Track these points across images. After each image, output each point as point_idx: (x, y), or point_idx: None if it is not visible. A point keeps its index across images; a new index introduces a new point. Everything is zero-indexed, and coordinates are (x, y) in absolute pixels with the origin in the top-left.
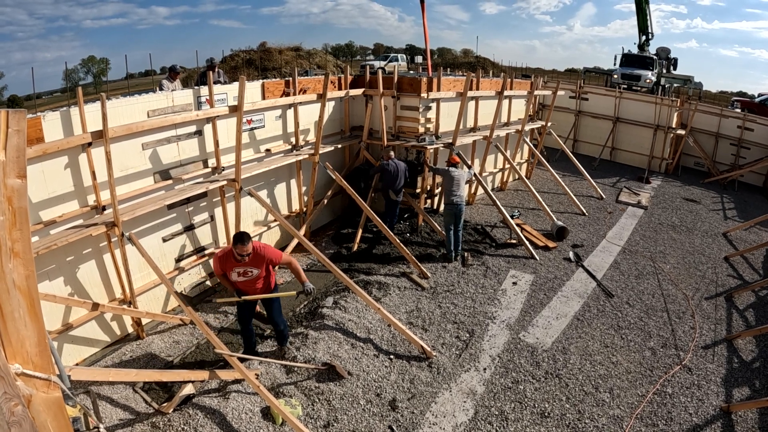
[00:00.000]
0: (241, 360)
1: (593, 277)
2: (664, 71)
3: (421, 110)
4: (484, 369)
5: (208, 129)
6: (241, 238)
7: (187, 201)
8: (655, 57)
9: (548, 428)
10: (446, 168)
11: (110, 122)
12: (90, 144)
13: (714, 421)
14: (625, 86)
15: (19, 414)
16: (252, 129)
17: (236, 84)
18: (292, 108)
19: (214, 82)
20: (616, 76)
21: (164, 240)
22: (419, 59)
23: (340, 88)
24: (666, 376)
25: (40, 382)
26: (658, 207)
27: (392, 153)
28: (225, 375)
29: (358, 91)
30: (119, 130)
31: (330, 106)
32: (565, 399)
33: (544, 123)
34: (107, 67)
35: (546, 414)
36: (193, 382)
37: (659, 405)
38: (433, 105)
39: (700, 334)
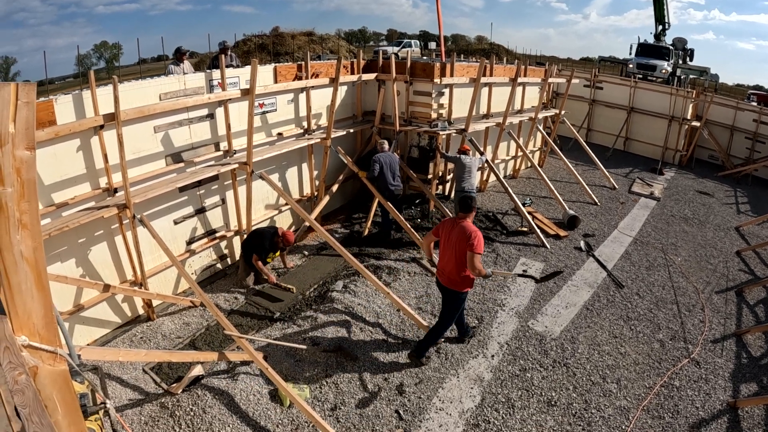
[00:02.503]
0: (250, 342)
1: (604, 267)
2: (680, 62)
3: (434, 96)
4: (492, 356)
5: (219, 112)
6: (468, 204)
7: (199, 184)
8: (671, 47)
9: (554, 417)
10: (457, 155)
11: (122, 105)
12: (102, 127)
13: (720, 416)
14: (641, 76)
15: (22, 383)
16: (264, 113)
17: (248, 68)
18: (305, 92)
19: (227, 66)
20: (631, 66)
21: (175, 222)
22: (432, 45)
23: (352, 73)
24: (674, 368)
25: (47, 354)
26: (670, 199)
27: (385, 145)
28: (234, 357)
29: (371, 76)
30: (131, 113)
31: (342, 90)
32: (572, 388)
33: (557, 111)
34: (119, 52)
35: (553, 403)
36: (202, 363)
37: (666, 397)
38: (446, 90)
39: (709, 328)
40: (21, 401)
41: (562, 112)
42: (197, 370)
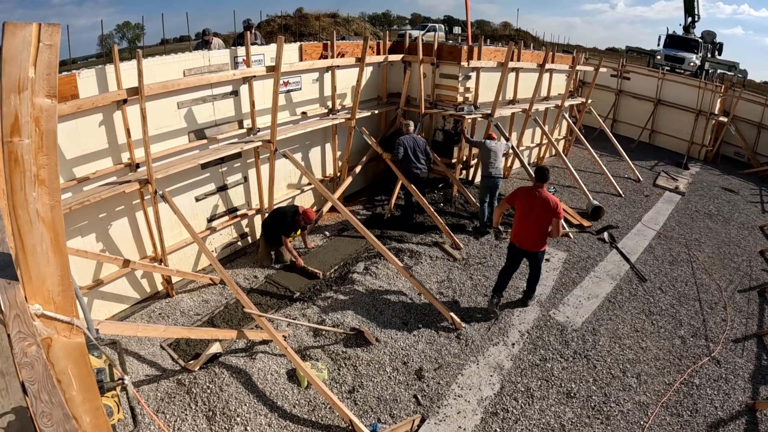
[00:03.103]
0: (270, 321)
1: (627, 259)
2: (709, 56)
3: (460, 79)
4: (513, 344)
5: (244, 89)
6: (545, 174)
7: (221, 161)
8: (700, 40)
9: (573, 409)
10: (483, 140)
11: (146, 80)
12: (125, 101)
13: (738, 417)
14: (668, 68)
15: (32, 355)
16: (288, 91)
17: (273, 45)
18: (330, 71)
19: (251, 44)
20: (659, 57)
21: (197, 199)
22: (457, 30)
23: (378, 54)
24: (694, 366)
25: (62, 325)
26: (695, 194)
27: (411, 126)
28: (253, 335)
29: (397, 57)
30: (155, 88)
31: (368, 71)
32: (592, 381)
33: (584, 100)
34: (142, 32)
35: (572, 394)
36: (220, 340)
37: (685, 395)
38: (473, 74)
39: (731, 327)
40: (29, 376)
41: (589, 101)
42: (215, 348)
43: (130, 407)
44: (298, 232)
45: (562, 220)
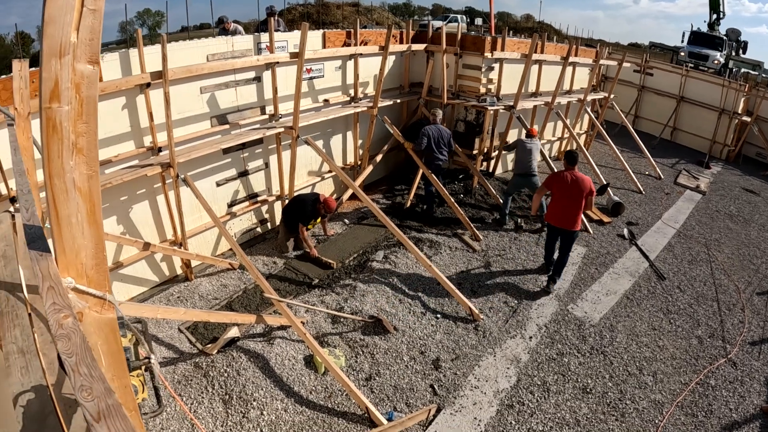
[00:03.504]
0: (289, 307)
1: (646, 257)
2: (733, 54)
3: (483, 70)
4: (530, 337)
5: (267, 75)
6: (575, 158)
7: (243, 146)
8: (724, 38)
9: (589, 404)
10: (518, 139)
11: (169, 65)
12: (149, 85)
13: (753, 420)
14: (692, 65)
15: (68, 327)
16: (311, 78)
17: (297, 32)
18: (353, 59)
19: (274, 31)
20: (683, 54)
21: (218, 184)
22: (479, 22)
23: (401, 43)
24: (710, 367)
25: (94, 300)
26: (716, 194)
27: (440, 116)
28: (271, 320)
29: (420, 47)
30: (179, 72)
31: (390, 60)
32: (609, 377)
33: (606, 95)
34: (163, 19)
35: (588, 390)
36: (239, 325)
37: (701, 396)
38: (496, 65)
39: (748, 329)
40: (66, 348)
41: (611, 96)
42: (233, 332)
43: (154, 387)
44: (318, 219)
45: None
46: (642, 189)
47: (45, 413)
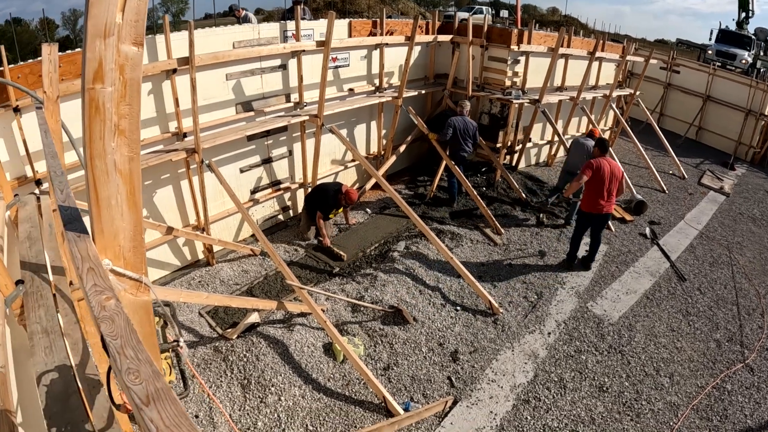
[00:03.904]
0: (309, 294)
1: (668, 257)
2: (762, 54)
3: (509, 63)
4: (549, 333)
5: (292, 63)
6: (607, 145)
7: (267, 134)
8: (753, 37)
9: (605, 403)
10: (577, 138)
11: (195, 51)
12: (175, 71)
13: (767, 427)
14: (719, 64)
15: (111, 309)
16: (336, 67)
17: (323, 21)
18: (378, 49)
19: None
20: (710, 52)
21: (241, 171)
22: (505, 14)
23: (427, 33)
24: (727, 371)
25: (130, 282)
26: (739, 196)
27: (468, 107)
28: (292, 307)
29: (447, 38)
30: (205, 59)
31: (416, 50)
32: (626, 377)
33: (632, 91)
34: (186, 6)
35: (604, 388)
36: (259, 310)
37: (717, 399)
38: (522, 59)
39: (767, 335)
40: (110, 330)
41: (637, 93)
42: (253, 318)
43: (180, 370)
44: (340, 209)
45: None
46: (665, 188)
47: (68, 393)
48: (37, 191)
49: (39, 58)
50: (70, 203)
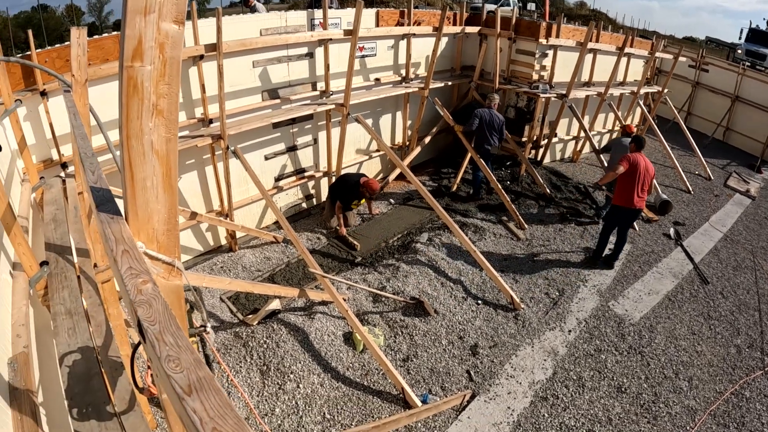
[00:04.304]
0: (331, 283)
1: (691, 259)
2: None
3: (537, 56)
4: (569, 331)
5: (319, 52)
6: (642, 142)
7: (293, 122)
8: None
9: (622, 404)
10: (618, 139)
11: (223, 38)
12: (202, 57)
13: None
14: (749, 64)
15: (148, 293)
16: (363, 56)
17: (350, 10)
18: (405, 39)
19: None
20: (740, 52)
21: (266, 158)
22: (532, 6)
23: (454, 24)
24: (747, 378)
25: (162, 266)
26: (766, 200)
27: (497, 101)
28: (314, 295)
29: (474, 29)
30: (233, 45)
31: (443, 41)
32: (644, 378)
33: (660, 89)
34: None
35: (623, 389)
36: (280, 297)
37: (735, 406)
38: (550, 52)
39: None
40: (148, 315)
41: (665, 91)
42: (275, 305)
43: (205, 355)
44: (362, 201)
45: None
46: (691, 189)
47: (90, 374)
48: (62, 174)
49: (66, 43)
50: (102, 185)
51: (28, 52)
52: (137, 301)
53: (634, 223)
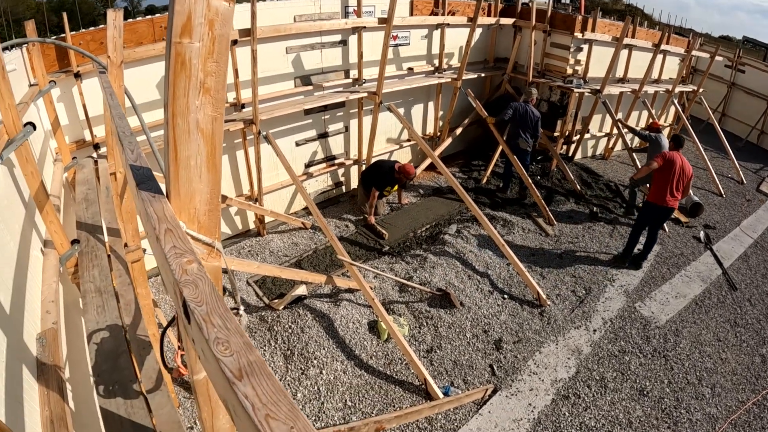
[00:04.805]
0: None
1: (720, 264)
2: None
3: (572, 50)
4: (594, 330)
5: (352, 40)
6: (681, 141)
7: (325, 109)
8: None
9: (644, 407)
10: (652, 135)
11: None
12: (235, 42)
13: None
14: None
15: (193, 273)
16: (396, 45)
17: None
18: (439, 29)
19: None
20: None
21: (297, 144)
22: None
23: (488, 15)
24: None
25: (202, 246)
26: None
27: (534, 96)
28: (341, 282)
29: (509, 21)
30: (267, 31)
31: (477, 32)
32: (667, 382)
33: (695, 88)
34: None
35: (645, 392)
36: (307, 283)
37: (756, 417)
38: (585, 47)
39: None
40: (194, 296)
41: (700, 91)
42: (301, 290)
43: None
44: (395, 187)
45: None
46: (722, 192)
47: (118, 353)
48: (94, 155)
49: (100, 27)
50: (141, 163)
51: (63, 35)
52: (182, 281)
53: (665, 225)
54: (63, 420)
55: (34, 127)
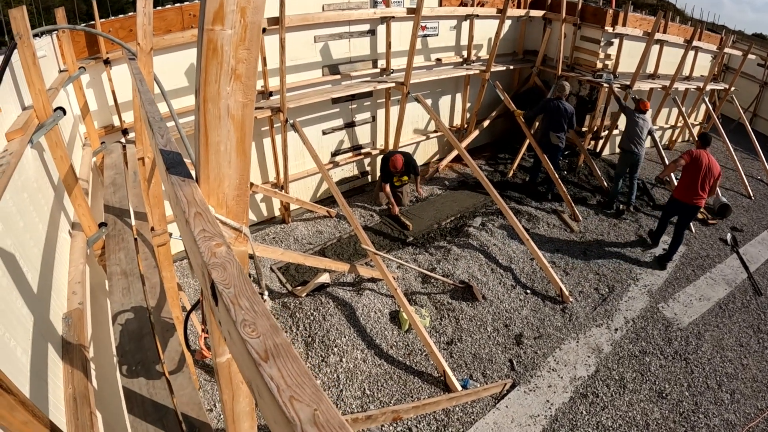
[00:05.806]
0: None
1: (746, 268)
2: None
3: (602, 44)
4: (616, 329)
5: (381, 29)
6: (710, 140)
7: (352, 98)
8: None
9: (662, 410)
10: (634, 112)
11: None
12: (264, 30)
13: None
14: None
15: (222, 256)
16: (425, 36)
17: None
18: (468, 20)
19: None
20: None
21: (324, 133)
22: None
23: (518, 7)
24: None
25: (230, 231)
26: None
27: (567, 91)
28: (364, 271)
29: (539, 13)
30: (295, 20)
31: (506, 24)
32: (687, 386)
33: (727, 87)
34: None
35: (664, 395)
36: (330, 271)
37: None
38: (616, 41)
39: None
40: (223, 279)
41: (732, 89)
42: (324, 278)
43: None
44: (404, 177)
45: None
46: (752, 194)
47: (142, 334)
48: (123, 140)
49: (129, 14)
50: (171, 148)
51: (92, 22)
52: (211, 264)
53: (691, 225)
54: (86, 397)
55: (64, 112)
